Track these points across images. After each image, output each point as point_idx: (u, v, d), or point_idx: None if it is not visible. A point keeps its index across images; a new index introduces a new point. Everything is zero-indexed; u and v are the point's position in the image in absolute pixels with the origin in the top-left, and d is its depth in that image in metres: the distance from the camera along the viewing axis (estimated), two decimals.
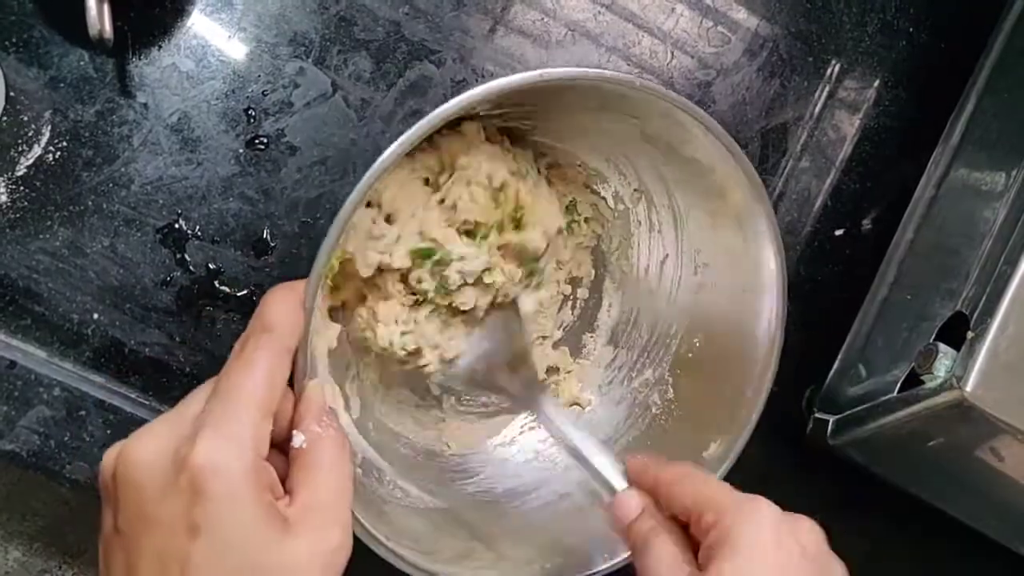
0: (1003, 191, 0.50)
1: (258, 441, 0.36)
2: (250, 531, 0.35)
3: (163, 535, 0.35)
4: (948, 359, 0.46)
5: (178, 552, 0.34)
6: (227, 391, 0.37)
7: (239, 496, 0.35)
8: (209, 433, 0.35)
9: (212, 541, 0.34)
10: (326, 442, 0.39)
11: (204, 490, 0.34)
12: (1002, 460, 0.50)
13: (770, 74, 0.60)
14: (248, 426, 0.36)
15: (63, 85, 0.52)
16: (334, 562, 0.37)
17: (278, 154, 0.55)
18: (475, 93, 0.43)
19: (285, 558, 0.35)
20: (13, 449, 0.51)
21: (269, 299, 0.40)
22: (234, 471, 0.35)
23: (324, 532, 0.37)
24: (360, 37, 0.56)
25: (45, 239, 0.52)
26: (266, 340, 0.39)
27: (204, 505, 0.34)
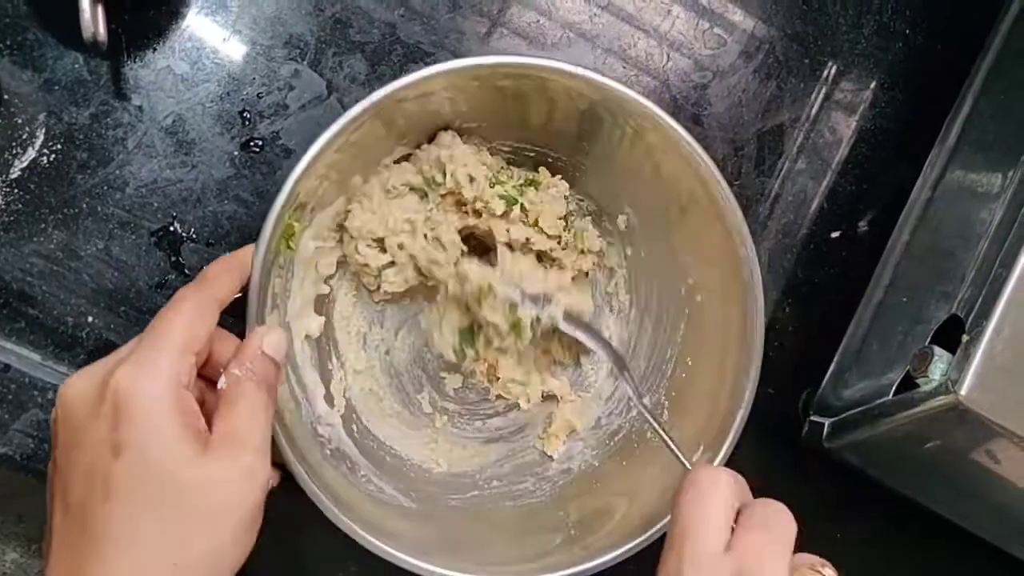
0: (999, 193, 0.50)
1: (176, 371, 0.39)
2: (168, 449, 0.38)
3: (90, 455, 0.38)
4: (943, 362, 0.46)
5: (103, 469, 0.37)
6: (150, 331, 0.41)
7: (157, 417, 0.38)
8: (130, 362, 0.39)
9: (132, 458, 0.37)
10: (244, 382, 0.42)
11: (125, 412, 0.38)
12: (998, 463, 0.50)
13: (766, 76, 0.60)
14: (166, 358, 0.39)
15: (57, 88, 0.52)
16: (249, 483, 0.40)
17: (273, 156, 0.54)
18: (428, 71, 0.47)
19: (200, 474, 0.38)
20: (7, 452, 0.51)
21: (211, 264, 0.45)
22: (152, 394, 0.38)
23: (236, 455, 0.39)
24: (355, 39, 0.55)
25: (39, 242, 0.52)
26: (193, 290, 0.43)
27: (125, 426, 0.38)
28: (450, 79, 0.48)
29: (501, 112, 0.52)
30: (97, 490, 0.37)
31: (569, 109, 0.51)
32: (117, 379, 0.38)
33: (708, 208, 0.51)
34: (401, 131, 0.52)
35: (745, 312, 0.51)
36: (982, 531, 0.58)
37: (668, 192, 0.53)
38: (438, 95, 0.50)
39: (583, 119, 0.52)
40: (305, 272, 0.52)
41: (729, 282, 0.51)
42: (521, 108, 0.52)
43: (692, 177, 0.51)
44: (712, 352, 0.53)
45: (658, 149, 0.51)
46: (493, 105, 0.52)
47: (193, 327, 0.41)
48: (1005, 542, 0.58)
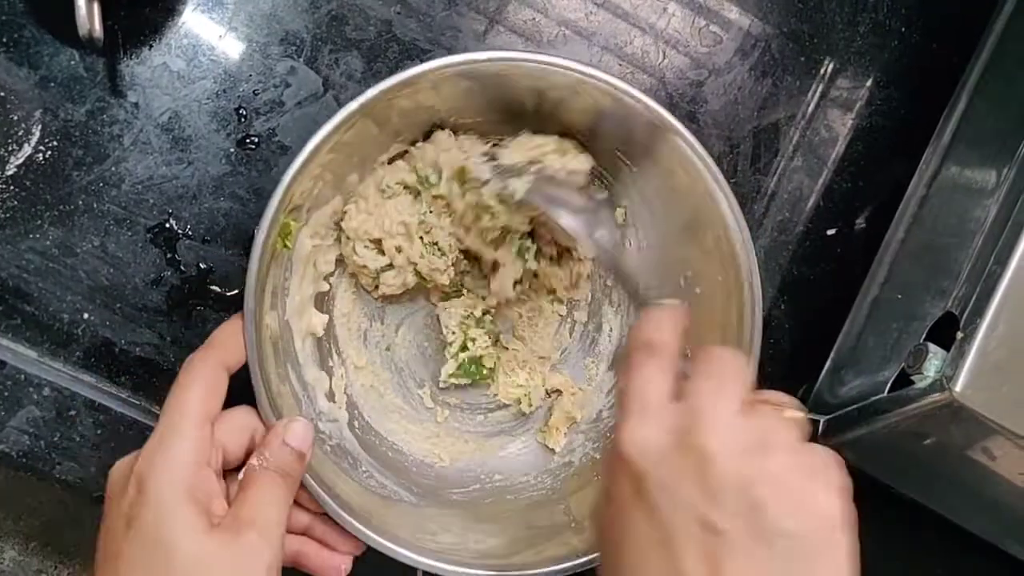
0: (994, 190, 0.50)
1: (196, 448, 0.42)
2: (173, 523, 0.40)
3: (111, 527, 0.41)
4: (938, 359, 0.46)
5: (116, 541, 0.40)
6: (168, 408, 0.43)
7: (169, 493, 0.40)
8: (153, 442, 0.42)
9: (138, 532, 0.39)
10: (261, 471, 0.44)
11: (142, 488, 0.40)
12: (993, 459, 0.50)
13: (762, 73, 0.60)
14: (184, 434, 0.42)
15: (53, 84, 0.52)
16: (249, 561, 0.41)
17: (269, 153, 0.55)
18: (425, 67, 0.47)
19: (199, 549, 0.39)
20: (3, 450, 0.51)
21: (220, 327, 0.46)
22: (169, 471, 0.40)
23: (239, 532, 0.41)
24: (352, 36, 0.56)
25: (35, 239, 0.52)
26: (200, 358, 0.45)
27: (140, 501, 0.40)
28: (438, 76, 0.48)
29: (497, 108, 0.52)
30: (111, 559, 0.40)
31: (570, 104, 0.51)
32: (141, 459, 0.41)
33: (709, 205, 0.51)
34: (396, 128, 0.52)
35: (742, 310, 0.51)
36: (977, 528, 0.58)
37: (667, 187, 0.53)
38: (430, 92, 0.50)
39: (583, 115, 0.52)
40: (304, 270, 0.52)
41: (727, 277, 0.51)
42: (516, 103, 0.52)
43: (693, 176, 0.51)
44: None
45: (659, 147, 0.51)
46: (486, 101, 0.52)
47: (205, 398, 0.43)
48: (1000, 539, 0.58)
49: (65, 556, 1.06)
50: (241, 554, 0.40)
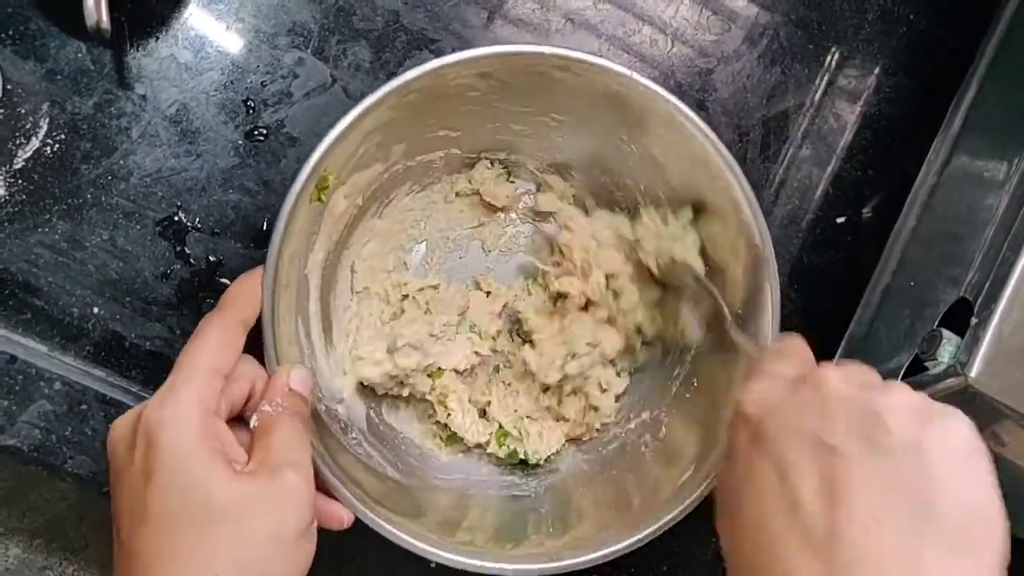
0: (1005, 179, 0.50)
1: (204, 398, 0.41)
2: (196, 471, 0.39)
3: (129, 486, 0.39)
4: (952, 345, 0.46)
5: (139, 497, 0.39)
6: (180, 361, 0.42)
7: (182, 442, 0.39)
8: (160, 394, 0.40)
9: (162, 483, 0.38)
10: (275, 417, 0.43)
11: (154, 441, 0.39)
12: (1003, 445, 0.50)
13: (770, 62, 0.60)
14: (194, 385, 0.41)
15: (60, 77, 0.52)
16: (289, 501, 0.40)
17: (278, 145, 0.54)
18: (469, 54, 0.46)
19: (232, 496, 0.38)
20: (14, 444, 0.51)
21: (233, 283, 0.45)
22: (179, 421, 0.39)
23: (275, 473, 0.40)
24: (359, 27, 0.55)
25: (44, 232, 0.52)
26: (217, 315, 0.44)
27: (154, 452, 0.39)
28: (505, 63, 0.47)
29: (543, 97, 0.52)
30: (136, 515, 0.39)
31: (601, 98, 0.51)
32: (147, 413, 0.40)
33: (727, 208, 0.51)
34: (443, 112, 0.51)
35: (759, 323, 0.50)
36: None
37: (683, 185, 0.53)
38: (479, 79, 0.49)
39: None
40: (332, 228, 0.51)
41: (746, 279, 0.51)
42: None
43: (712, 176, 0.50)
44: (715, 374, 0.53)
45: (670, 142, 0.51)
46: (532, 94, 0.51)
47: (219, 352, 0.42)
48: (1012, 526, 0.58)
49: (70, 552, 1.06)
50: (284, 494, 0.40)
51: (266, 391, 0.44)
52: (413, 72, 0.45)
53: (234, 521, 0.38)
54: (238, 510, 0.38)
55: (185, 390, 0.40)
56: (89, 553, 1.07)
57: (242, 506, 0.38)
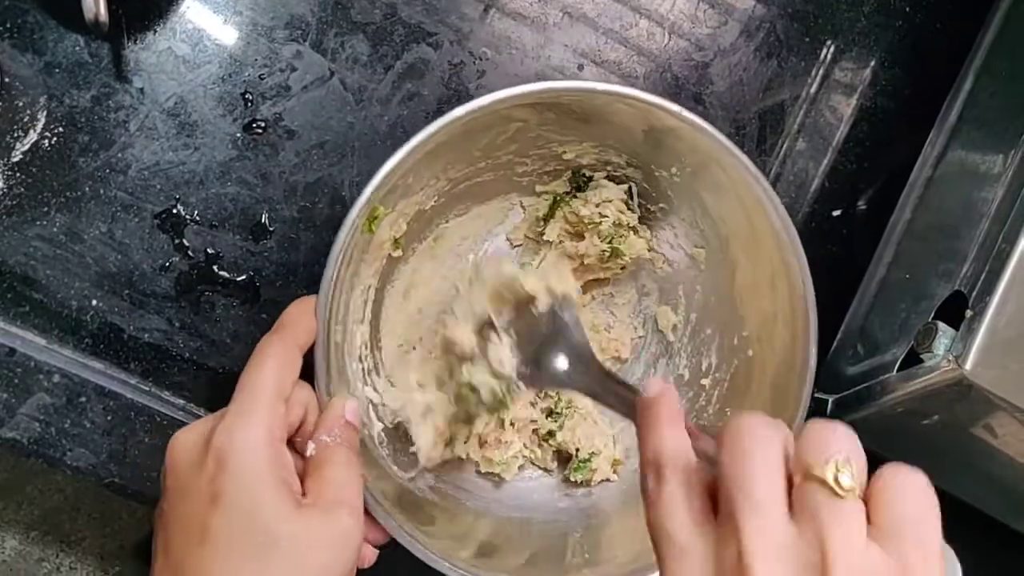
0: (1000, 171, 0.50)
1: (271, 425, 0.41)
2: (262, 500, 0.39)
3: (191, 504, 0.40)
4: (947, 337, 0.46)
5: (200, 516, 0.39)
6: (243, 385, 0.43)
7: (252, 468, 0.40)
8: (229, 418, 0.41)
9: (228, 507, 0.39)
10: (334, 448, 0.44)
11: (223, 463, 0.40)
12: (997, 437, 0.50)
13: (767, 55, 0.60)
14: (260, 411, 0.41)
15: (58, 70, 0.52)
16: (344, 544, 0.41)
17: (276, 138, 0.54)
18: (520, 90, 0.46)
19: (295, 529, 0.39)
20: (14, 437, 0.51)
21: (287, 308, 0.46)
22: (249, 448, 0.40)
23: (333, 513, 0.41)
24: (357, 20, 0.55)
25: (42, 225, 0.52)
26: (276, 338, 0.44)
27: (223, 476, 0.39)
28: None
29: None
30: (194, 535, 0.39)
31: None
32: (218, 433, 0.40)
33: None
34: (481, 148, 0.52)
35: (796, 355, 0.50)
36: (982, 504, 0.58)
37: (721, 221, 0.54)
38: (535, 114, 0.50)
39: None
40: (376, 255, 0.51)
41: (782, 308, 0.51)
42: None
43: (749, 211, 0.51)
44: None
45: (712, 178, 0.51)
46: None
47: (280, 377, 0.43)
48: (1004, 515, 0.59)
49: (66, 544, 1.07)
50: (337, 533, 0.41)
51: (322, 421, 0.45)
52: (467, 106, 0.45)
53: (293, 553, 0.39)
54: (298, 543, 0.39)
55: (256, 416, 0.41)
56: (85, 545, 1.07)
57: (301, 540, 0.39)
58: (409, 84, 0.56)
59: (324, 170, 0.55)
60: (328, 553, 0.41)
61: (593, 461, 0.56)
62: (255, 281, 0.54)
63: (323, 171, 0.55)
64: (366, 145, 0.55)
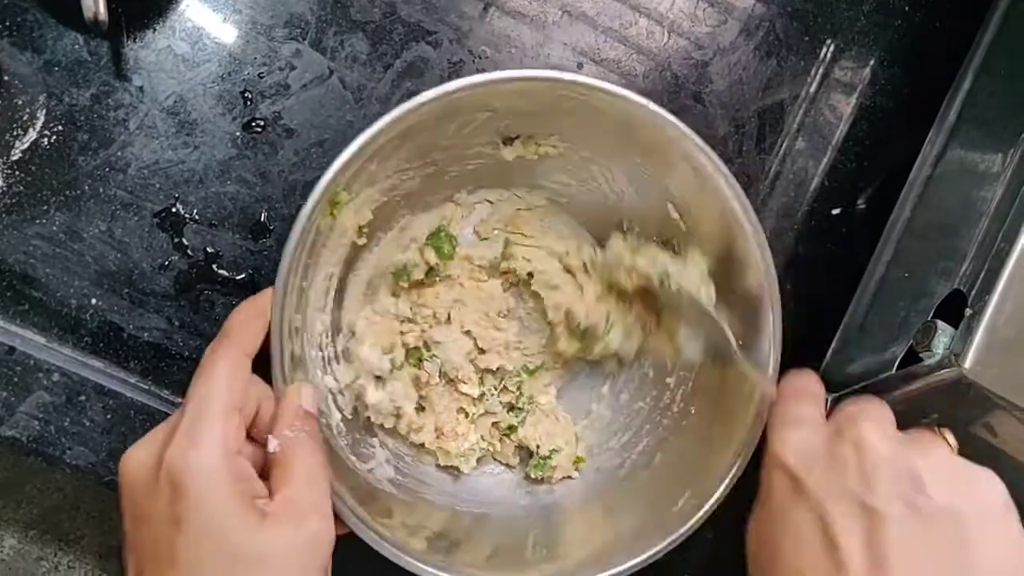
0: (1000, 170, 0.50)
1: (226, 438, 0.40)
2: (226, 520, 0.39)
3: (153, 529, 0.39)
4: (946, 336, 0.46)
5: (167, 539, 0.39)
6: (193, 398, 0.42)
7: (211, 489, 0.39)
8: (180, 436, 0.40)
9: (192, 531, 0.38)
10: (297, 445, 0.43)
11: (180, 487, 0.39)
12: (996, 436, 0.50)
13: (766, 54, 0.60)
14: (213, 425, 0.40)
15: (58, 69, 0.52)
16: (315, 549, 0.41)
17: (275, 137, 0.54)
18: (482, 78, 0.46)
19: (262, 546, 0.38)
20: (13, 435, 0.51)
21: (235, 310, 0.45)
22: (205, 467, 0.39)
23: (301, 520, 0.40)
24: (356, 18, 0.55)
25: (42, 224, 0.52)
26: (223, 348, 0.43)
27: (182, 500, 0.39)
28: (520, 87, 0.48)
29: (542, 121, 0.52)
30: (164, 560, 0.39)
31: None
32: (170, 455, 0.39)
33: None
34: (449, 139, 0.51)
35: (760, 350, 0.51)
36: None
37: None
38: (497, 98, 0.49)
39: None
40: (339, 244, 0.51)
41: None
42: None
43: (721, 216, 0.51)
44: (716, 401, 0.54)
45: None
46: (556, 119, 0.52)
47: (230, 388, 0.42)
48: None
49: (65, 543, 1.06)
50: (308, 539, 0.40)
51: (281, 413, 0.44)
52: (429, 93, 0.45)
53: (264, 569, 0.39)
54: (268, 559, 0.39)
55: (207, 433, 0.40)
56: (84, 543, 1.07)
57: (272, 555, 0.39)
58: (408, 83, 0.56)
59: (323, 169, 0.54)
60: (299, 563, 0.40)
61: (553, 458, 0.56)
62: (254, 280, 0.54)
63: (322, 170, 0.54)
64: None
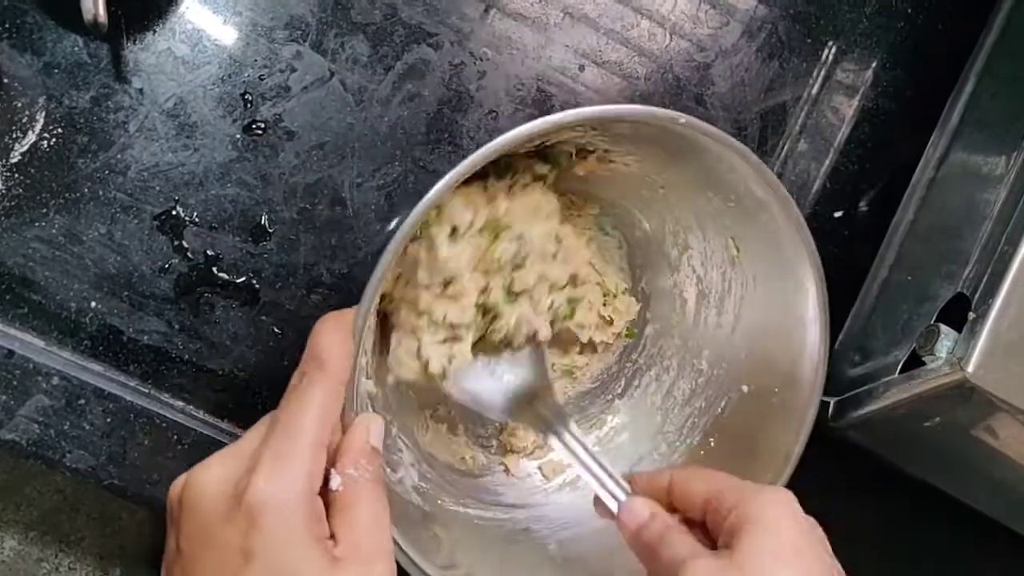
0: (1003, 173, 0.50)
1: (311, 477, 0.39)
2: (298, 563, 0.37)
3: (220, 557, 0.38)
4: (950, 340, 0.46)
5: (233, 570, 0.37)
6: (284, 427, 0.39)
7: (290, 528, 0.37)
8: (266, 468, 0.38)
9: (264, 567, 0.37)
10: (361, 485, 0.41)
11: (258, 521, 0.37)
12: (998, 439, 0.50)
13: (768, 56, 0.60)
14: (302, 462, 0.38)
15: (57, 71, 0.52)
16: None
17: (276, 139, 0.54)
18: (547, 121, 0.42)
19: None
20: (13, 439, 0.51)
21: (320, 330, 0.41)
22: (287, 505, 0.37)
23: (369, 565, 0.39)
24: (357, 20, 0.55)
25: (41, 227, 0.52)
26: (320, 376, 0.40)
27: (258, 534, 0.37)
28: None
29: None
30: None
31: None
32: (253, 486, 0.38)
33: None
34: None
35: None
36: (983, 506, 0.58)
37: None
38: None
39: None
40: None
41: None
42: None
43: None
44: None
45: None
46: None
47: (323, 422, 0.40)
48: (1004, 516, 0.59)
49: (65, 545, 1.06)
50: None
51: (347, 448, 0.41)
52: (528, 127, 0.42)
53: None
54: None
55: (296, 470, 0.38)
56: (84, 545, 1.07)
57: None
58: (409, 85, 0.56)
59: (324, 171, 0.55)
60: None
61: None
62: (255, 283, 0.54)
63: (323, 172, 0.55)
64: (366, 146, 0.55)
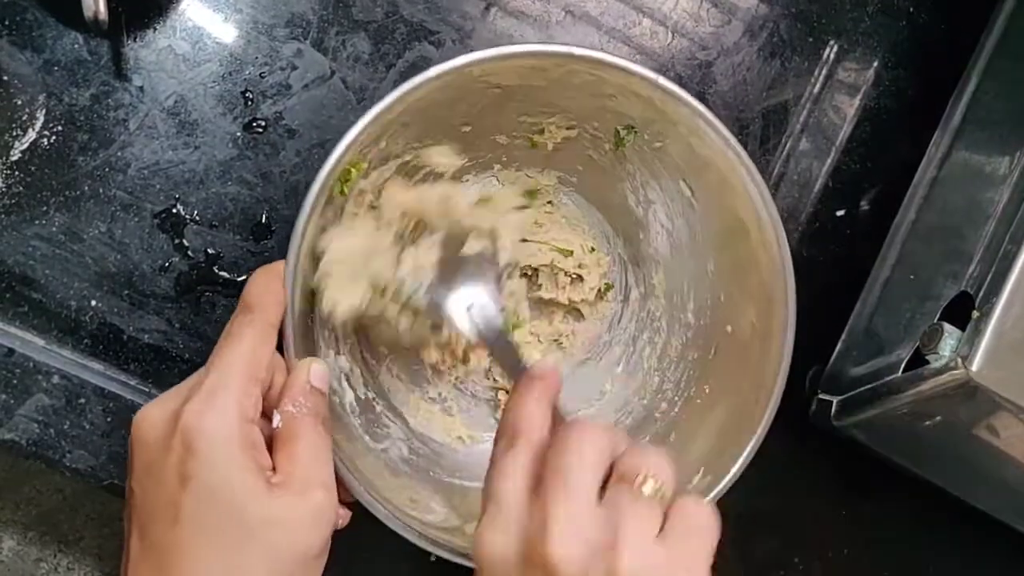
0: (1006, 172, 0.50)
1: (242, 405, 0.40)
2: (234, 483, 0.39)
3: (161, 484, 0.40)
4: (953, 339, 0.46)
5: (172, 496, 0.39)
6: (216, 364, 0.42)
7: (225, 453, 0.39)
8: (198, 399, 0.40)
9: (199, 491, 0.39)
10: (300, 419, 0.43)
11: (194, 446, 0.39)
12: (1002, 438, 0.50)
13: (770, 54, 0.60)
14: (231, 391, 0.40)
15: (57, 68, 0.52)
16: (318, 520, 0.41)
17: (276, 137, 0.54)
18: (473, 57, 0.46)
19: (267, 512, 0.39)
20: (13, 438, 0.51)
21: (251, 280, 0.44)
22: (219, 431, 0.39)
23: (305, 495, 0.40)
24: (358, 18, 0.55)
25: (41, 225, 0.52)
26: (248, 318, 0.43)
27: (194, 459, 0.39)
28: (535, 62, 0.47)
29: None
30: (168, 515, 0.39)
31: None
32: (186, 416, 0.40)
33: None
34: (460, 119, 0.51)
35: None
36: (986, 505, 0.58)
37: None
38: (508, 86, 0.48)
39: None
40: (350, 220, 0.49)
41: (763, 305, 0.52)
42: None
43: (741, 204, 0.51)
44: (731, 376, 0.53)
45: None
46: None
47: (255, 357, 0.42)
48: (1007, 516, 0.59)
49: (64, 545, 1.06)
50: (310, 513, 0.40)
51: (287, 388, 0.43)
52: (437, 69, 0.45)
53: (267, 538, 0.39)
54: (272, 527, 0.39)
55: (226, 399, 0.40)
56: (84, 545, 1.07)
57: (276, 524, 0.39)
58: None
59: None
60: (302, 533, 0.40)
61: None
62: None
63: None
64: None
